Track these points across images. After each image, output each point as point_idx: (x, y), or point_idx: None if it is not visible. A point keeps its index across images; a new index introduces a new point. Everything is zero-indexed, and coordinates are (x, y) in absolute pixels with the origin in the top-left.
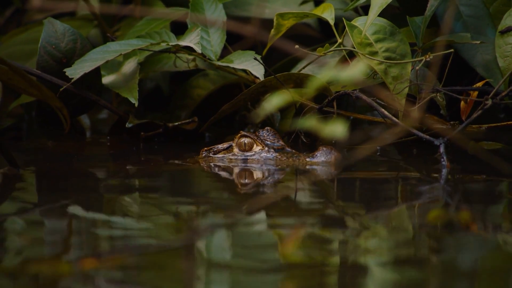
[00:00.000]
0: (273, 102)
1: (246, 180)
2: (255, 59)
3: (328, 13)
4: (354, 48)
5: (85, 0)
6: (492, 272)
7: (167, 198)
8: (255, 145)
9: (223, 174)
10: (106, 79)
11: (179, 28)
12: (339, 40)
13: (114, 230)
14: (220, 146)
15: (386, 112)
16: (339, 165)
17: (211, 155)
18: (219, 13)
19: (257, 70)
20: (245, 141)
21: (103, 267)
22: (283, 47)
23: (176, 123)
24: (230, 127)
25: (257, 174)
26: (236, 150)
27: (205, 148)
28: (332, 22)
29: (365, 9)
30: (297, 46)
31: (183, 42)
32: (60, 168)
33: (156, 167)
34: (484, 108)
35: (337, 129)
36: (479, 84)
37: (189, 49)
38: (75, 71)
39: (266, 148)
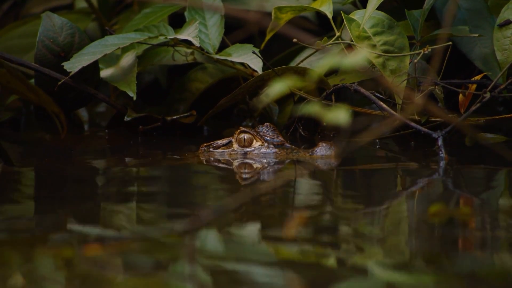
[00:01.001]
0: (275, 88)
1: (246, 170)
2: (253, 52)
3: (326, 7)
4: (353, 41)
5: None
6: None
7: (166, 191)
8: (254, 141)
9: (223, 169)
10: (104, 73)
11: (177, 22)
12: (337, 34)
13: (113, 220)
14: (219, 142)
15: (384, 105)
16: (339, 159)
17: (210, 150)
18: (217, 6)
19: (255, 63)
20: (245, 137)
21: (106, 253)
22: (286, 32)
23: (175, 117)
24: (228, 120)
25: (256, 167)
26: (235, 145)
27: (205, 144)
28: (330, 16)
29: (363, 3)
30: (295, 40)
31: (181, 36)
32: (57, 161)
33: (155, 162)
34: (482, 101)
35: (340, 115)
36: (478, 77)
37: (187, 43)
38: (73, 65)
39: (266, 144)
